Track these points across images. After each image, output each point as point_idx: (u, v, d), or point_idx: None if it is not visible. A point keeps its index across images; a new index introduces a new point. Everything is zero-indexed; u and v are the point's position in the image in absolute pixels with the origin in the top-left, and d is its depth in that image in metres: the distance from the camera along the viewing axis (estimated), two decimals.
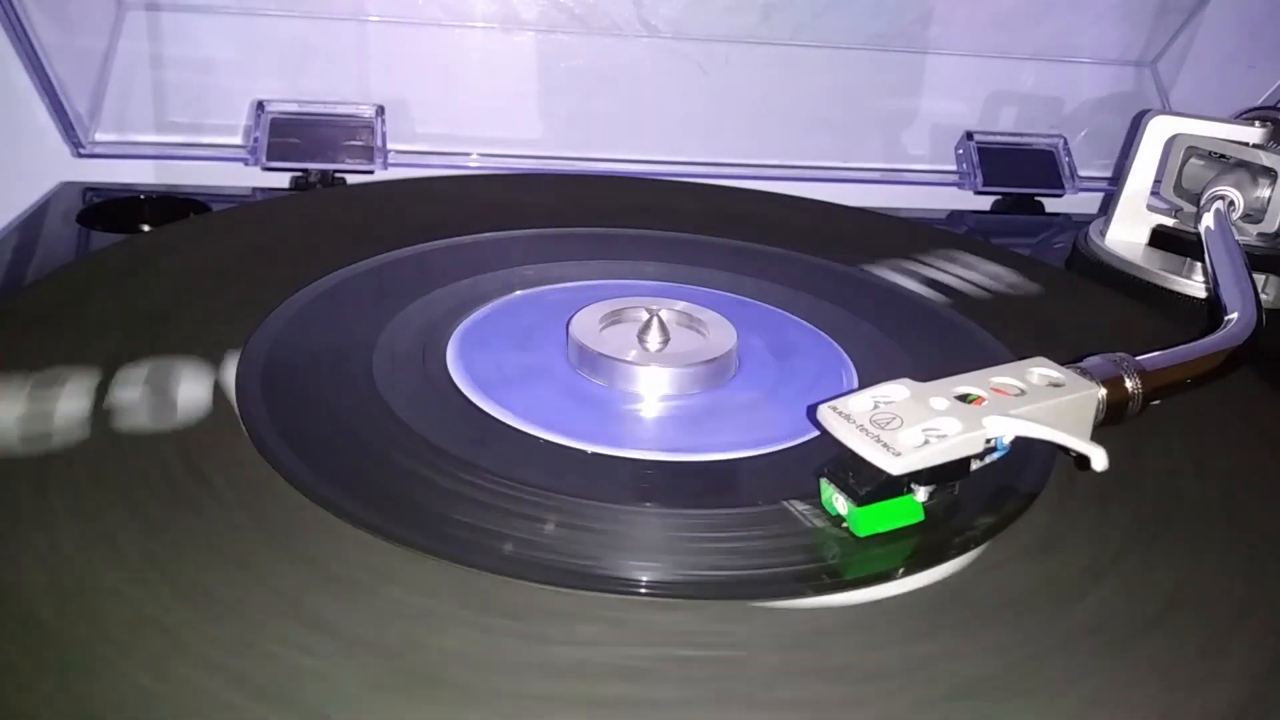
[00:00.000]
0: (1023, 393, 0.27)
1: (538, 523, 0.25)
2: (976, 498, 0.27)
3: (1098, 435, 0.27)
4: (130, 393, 0.29)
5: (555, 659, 0.21)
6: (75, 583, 0.22)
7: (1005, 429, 0.25)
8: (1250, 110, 0.50)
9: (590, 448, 0.29)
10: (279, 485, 0.25)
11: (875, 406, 0.26)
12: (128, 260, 0.38)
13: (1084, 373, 0.28)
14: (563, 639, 0.21)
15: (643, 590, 0.23)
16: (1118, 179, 0.55)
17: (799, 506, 0.26)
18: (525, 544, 0.24)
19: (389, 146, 0.56)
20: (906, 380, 0.26)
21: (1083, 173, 0.65)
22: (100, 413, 0.28)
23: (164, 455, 0.26)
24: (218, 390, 0.30)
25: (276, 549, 0.23)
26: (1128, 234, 0.50)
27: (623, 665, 0.21)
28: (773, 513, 0.26)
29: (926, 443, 0.24)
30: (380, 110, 0.57)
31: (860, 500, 0.25)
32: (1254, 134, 0.48)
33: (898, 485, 0.25)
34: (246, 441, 0.27)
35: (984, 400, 0.26)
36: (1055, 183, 0.64)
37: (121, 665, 0.20)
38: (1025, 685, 0.21)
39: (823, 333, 0.37)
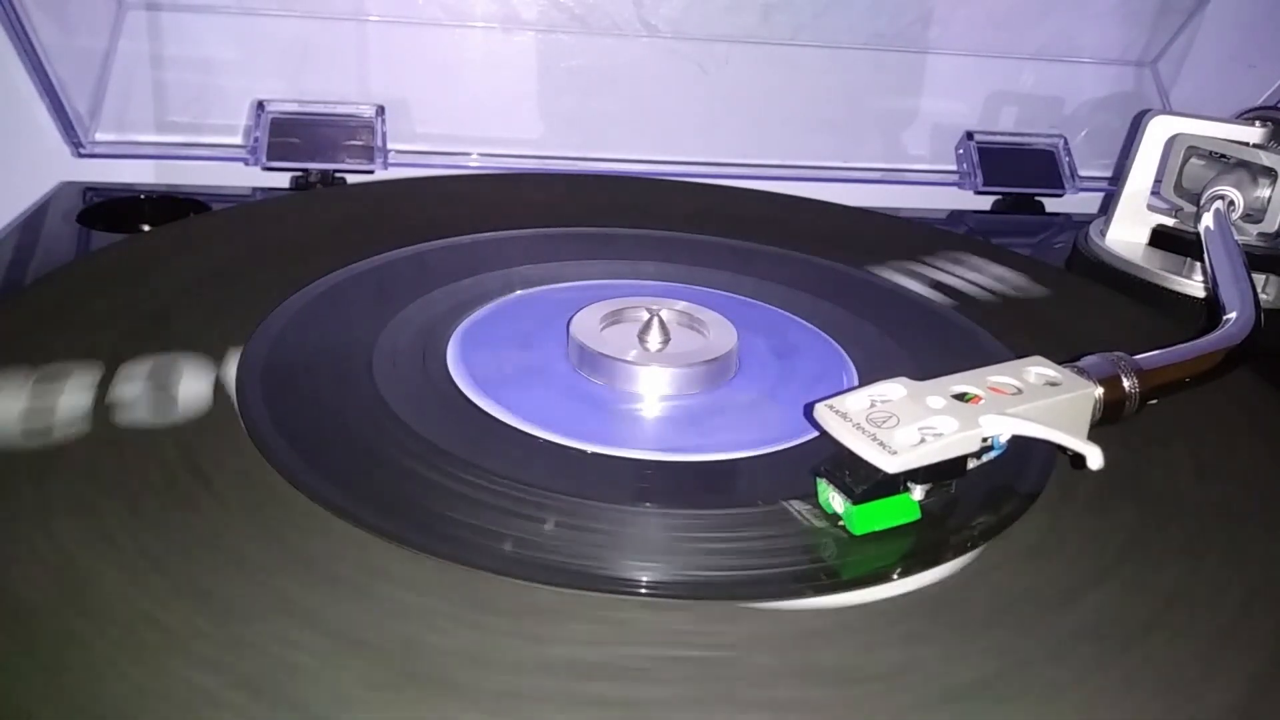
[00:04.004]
0: (1019, 391, 0.27)
1: (537, 522, 0.25)
2: (975, 498, 0.27)
3: (1097, 435, 0.27)
4: (131, 388, 0.29)
5: (553, 659, 0.21)
6: (74, 579, 0.22)
7: (1002, 428, 0.25)
8: (1250, 110, 0.50)
9: (590, 448, 0.29)
10: (278, 484, 0.26)
11: (872, 405, 0.26)
12: (128, 260, 0.38)
13: (1081, 372, 0.28)
14: (561, 639, 0.22)
15: (642, 590, 0.23)
16: (1118, 179, 0.55)
17: (799, 507, 0.26)
18: (524, 544, 0.24)
19: (389, 146, 0.56)
20: (903, 379, 0.26)
21: (1083, 173, 0.65)
22: (101, 408, 0.28)
23: (164, 452, 0.26)
24: (218, 387, 0.30)
25: (275, 547, 0.23)
26: (1128, 234, 0.50)
27: (621, 665, 0.21)
28: (772, 513, 0.26)
29: (923, 441, 0.24)
30: (380, 110, 0.57)
31: (857, 499, 0.25)
32: (1254, 134, 0.48)
33: (894, 484, 0.25)
34: (246, 440, 0.27)
35: (981, 399, 0.26)
36: (1055, 183, 0.64)
37: (119, 663, 0.20)
38: (1023, 687, 0.21)
39: (823, 333, 0.37)
